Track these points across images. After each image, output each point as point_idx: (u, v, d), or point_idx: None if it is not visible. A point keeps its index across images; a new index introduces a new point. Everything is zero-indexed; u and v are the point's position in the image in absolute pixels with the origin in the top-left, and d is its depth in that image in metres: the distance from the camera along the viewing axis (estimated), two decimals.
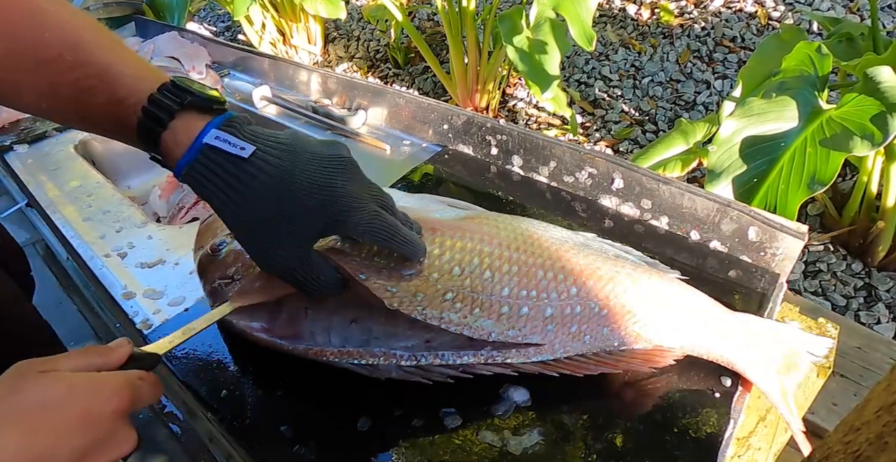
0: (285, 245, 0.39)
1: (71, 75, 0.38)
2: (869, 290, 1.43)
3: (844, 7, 1.99)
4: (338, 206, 0.40)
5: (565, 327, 0.47)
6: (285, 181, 0.38)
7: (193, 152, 0.38)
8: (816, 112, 0.96)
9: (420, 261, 0.46)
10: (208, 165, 0.38)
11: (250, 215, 0.39)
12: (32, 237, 1.66)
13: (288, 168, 0.39)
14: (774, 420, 0.58)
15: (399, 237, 0.43)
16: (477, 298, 0.46)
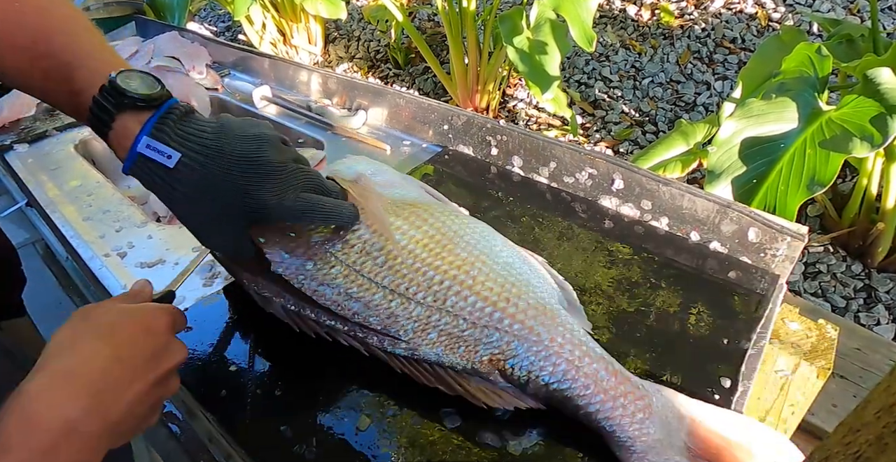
0: (218, 235, 0.45)
1: (41, 63, 0.42)
2: (869, 292, 1.43)
3: (845, 8, 1.99)
4: (258, 209, 0.43)
5: (424, 332, 0.47)
6: (208, 188, 0.42)
7: (130, 160, 0.42)
8: (816, 113, 0.96)
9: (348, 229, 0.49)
10: (144, 170, 0.42)
11: (184, 212, 0.44)
12: (32, 237, 1.66)
13: (209, 175, 0.42)
14: (774, 421, 0.58)
15: (321, 214, 0.46)
16: (356, 279, 0.48)
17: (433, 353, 0.47)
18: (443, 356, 0.46)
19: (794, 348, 0.63)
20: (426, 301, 0.47)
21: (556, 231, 0.68)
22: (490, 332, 0.46)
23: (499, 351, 0.45)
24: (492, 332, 0.46)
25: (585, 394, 0.43)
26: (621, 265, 0.63)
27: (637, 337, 0.54)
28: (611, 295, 0.58)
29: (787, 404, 0.59)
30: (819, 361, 0.62)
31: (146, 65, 1.17)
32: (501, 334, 0.46)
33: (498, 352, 0.45)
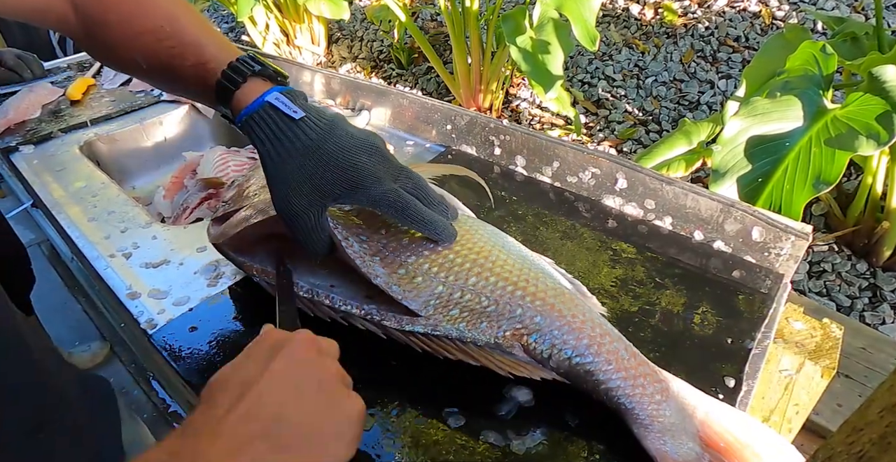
0: (302, 196, 0.46)
1: (168, 42, 0.48)
2: (874, 291, 1.42)
3: (849, 6, 1.98)
4: (356, 178, 0.46)
5: (446, 309, 0.47)
6: (320, 146, 0.46)
7: (256, 105, 0.46)
8: (821, 111, 0.96)
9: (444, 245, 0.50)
10: (264, 118, 0.46)
11: (284, 164, 0.46)
12: (38, 237, 1.67)
13: (325, 137, 0.46)
14: (778, 421, 0.58)
15: (411, 213, 0.47)
16: (387, 256, 0.50)
17: (455, 330, 0.47)
18: (465, 332, 0.47)
19: (798, 348, 0.63)
20: (448, 280, 0.48)
21: (559, 230, 0.68)
22: (513, 307, 0.47)
23: (521, 325, 0.46)
24: (514, 307, 0.47)
25: (607, 369, 0.44)
26: (625, 264, 0.62)
27: (641, 336, 0.54)
28: (615, 294, 0.58)
29: (792, 404, 0.59)
30: (824, 361, 0.61)
31: None
32: (524, 310, 0.46)
33: (521, 326, 0.46)
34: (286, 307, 0.48)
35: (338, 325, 0.51)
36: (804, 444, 0.88)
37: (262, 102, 0.46)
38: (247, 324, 0.57)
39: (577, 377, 0.45)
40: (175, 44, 0.48)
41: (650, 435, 0.42)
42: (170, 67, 0.49)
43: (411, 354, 0.52)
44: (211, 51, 0.49)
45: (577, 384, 0.45)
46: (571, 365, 0.45)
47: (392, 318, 0.49)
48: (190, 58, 0.48)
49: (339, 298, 0.50)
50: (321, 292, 0.51)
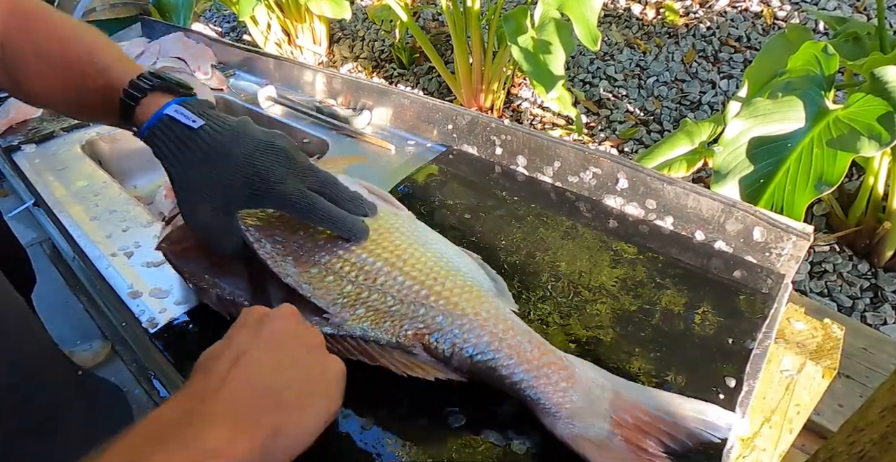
0: (208, 203, 0.47)
1: (85, 69, 0.50)
2: (875, 291, 1.42)
3: (851, 6, 1.98)
4: (262, 183, 0.46)
5: (353, 307, 0.48)
6: (222, 154, 0.46)
7: (155, 119, 0.47)
8: (823, 112, 0.96)
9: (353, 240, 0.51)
10: (163, 130, 0.47)
11: (187, 173, 0.46)
12: (39, 236, 1.67)
13: (227, 144, 0.46)
14: (780, 421, 0.58)
15: (317, 211, 0.48)
16: (301, 256, 0.50)
17: (359, 329, 0.47)
18: (368, 331, 0.47)
19: (799, 348, 0.63)
20: (357, 279, 0.49)
21: (560, 230, 0.68)
22: (416, 307, 0.47)
23: (423, 325, 0.47)
24: (418, 307, 0.47)
25: (509, 364, 0.44)
26: (626, 264, 0.62)
27: (642, 336, 0.54)
28: (615, 294, 0.58)
29: (793, 404, 0.59)
30: (825, 361, 0.61)
31: (152, 66, 1.18)
32: (427, 309, 0.47)
33: (423, 326, 0.47)
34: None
35: None
36: (805, 444, 0.88)
37: (160, 115, 0.47)
38: None
39: (481, 374, 0.45)
40: (91, 70, 0.50)
41: (559, 422, 0.43)
42: (83, 92, 0.50)
43: None
44: (117, 74, 0.49)
45: (484, 381, 0.46)
46: (473, 362, 0.45)
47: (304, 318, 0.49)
48: (99, 80, 0.49)
49: (255, 301, 0.51)
50: (241, 295, 0.52)
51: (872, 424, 0.18)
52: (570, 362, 0.46)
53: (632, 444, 0.42)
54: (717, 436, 0.42)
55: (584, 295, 0.58)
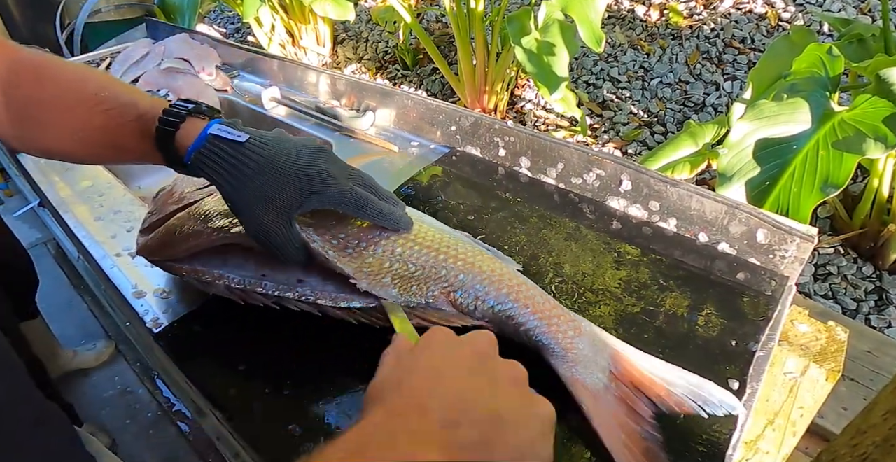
0: (269, 214, 0.47)
1: (104, 106, 0.50)
2: (880, 294, 1.41)
3: (855, 8, 1.97)
4: (314, 183, 0.48)
5: (378, 278, 0.51)
6: (272, 162, 0.47)
7: (201, 139, 0.48)
8: (828, 114, 0.96)
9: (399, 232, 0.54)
10: (212, 149, 0.47)
11: (244, 188, 0.47)
12: (44, 236, 1.68)
13: (274, 153, 0.48)
14: (783, 424, 0.58)
15: (370, 209, 0.51)
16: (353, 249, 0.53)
17: (390, 296, 0.50)
18: (398, 298, 0.50)
19: (803, 350, 0.63)
20: (377, 253, 0.52)
21: (563, 232, 0.68)
22: (437, 270, 0.51)
23: (448, 284, 0.51)
24: (439, 269, 0.51)
25: (524, 312, 0.49)
26: (629, 266, 0.62)
27: (645, 338, 0.54)
28: (619, 296, 0.58)
29: (796, 407, 0.59)
30: (828, 364, 0.61)
31: (157, 66, 1.18)
32: (447, 271, 0.51)
33: (447, 285, 0.51)
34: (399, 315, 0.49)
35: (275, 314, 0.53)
36: (809, 447, 0.88)
37: (206, 136, 0.48)
38: (252, 324, 0.57)
39: (500, 323, 0.50)
40: (113, 105, 0.50)
41: (564, 363, 0.47)
42: (107, 131, 0.50)
43: None
44: (144, 105, 0.50)
45: (502, 329, 0.50)
46: (494, 312, 0.50)
47: (327, 295, 0.52)
48: (130, 114, 0.50)
49: (272, 285, 0.53)
50: (253, 281, 0.53)
51: (875, 427, 0.18)
52: (577, 317, 0.50)
53: (623, 400, 0.46)
54: (708, 411, 0.45)
55: (587, 297, 0.58)
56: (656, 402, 0.46)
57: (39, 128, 0.51)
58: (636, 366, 0.48)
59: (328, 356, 0.53)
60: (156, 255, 0.58)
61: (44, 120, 0.50)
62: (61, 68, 0.51)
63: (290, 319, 0.54)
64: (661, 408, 0.46)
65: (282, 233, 0.48)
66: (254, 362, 0.53)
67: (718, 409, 0.45)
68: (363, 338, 0.54)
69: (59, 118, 0.50)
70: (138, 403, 1.23)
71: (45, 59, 0.52)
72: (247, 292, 0.53)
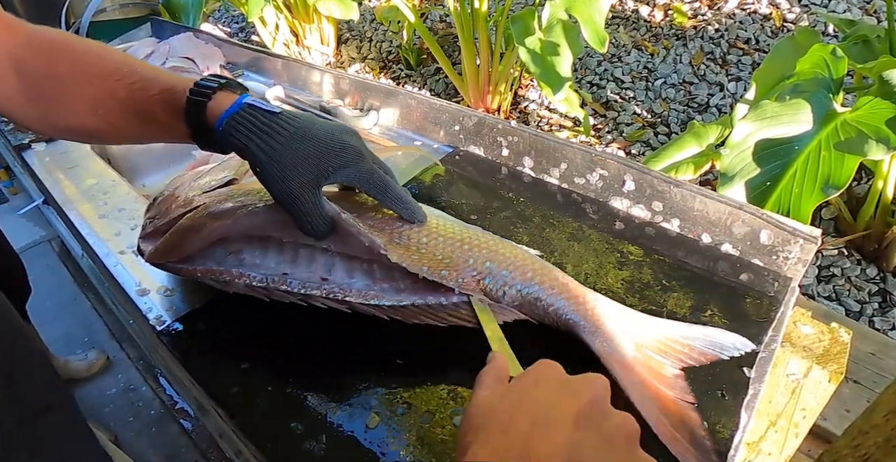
0: (300, 177, 0.48)
1: (127, 80, 0.49)
2: (884, 296, 1.41)
3: (861, 9, 1.97)
4: (343, 156, 0.49)
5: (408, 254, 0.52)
6: (306, 132, 0.49)
7: (235, 106, 0.48)
8: (831, 115, 0.95)
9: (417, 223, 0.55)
10: (246, 116, 0.48)
11: (276, 154, 0.47)
12: (49, 234, 1.68)
13: (307, 125, 0.49)
14: (785, 425, 0.58)
15: (392, 193, 0.52)
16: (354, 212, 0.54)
17: (421, 272, 0.51)
18: (430, 275, 0.51)
19: (806, 352, 0.63)
20: (402, 241, 0.53)
21: (566, 232, 0.68)
22: (465, 258, 0.53)
23: (476, 272, 0.52)
24: (466, 258, 0.53)
25: (551, 294, 0.51)
26: (632, 267, 0.62)
27: None
28: (622, 296, 0.58)
29: (799, 408, 0.59)
30: (831, 365, 0.61)
31: (161, 66, 1.19)
32: (475, 259, 0.53)
33: (476, 272, 0.52)
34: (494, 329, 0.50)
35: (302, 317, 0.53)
36: (811, 449, 0.88)
37: (240, 103, 0.48)
38: (255, 322, 0.57)
39: (530, 306, 0.52)
40: (136, 79, 0.49)
41: (596, 339, 0.50)
42: (131, 102, 0.49)
43: (417, 354, 0.53)
44: (171, 79, 0.50)
45: (532, 313, 0.52)
46: (523, 296, 0.52)
47: (356, 293, 0.52)
48: (155, 87, 0.49)
49: (297, 283, 0.53)
50: (276, 279, 0.53)
51: (877, 428, 0.18)
52: (597, 295, 0.53)
53: (652, 368, 0.49)
54: (726, 354, 0.50)
55: None
56: (682, 358, 0.50)
57: (57, 104, 0.50)
58: (657, 331, 0.51)
59: (331, 354, 0.53)
60: (168, 256, 0.58)
61: (61, 95, 0.49)
62: (77, 44, 0.51)
63: (293, 317, 0.55)
64: (688, 362, 0.50)
65: (309, 199, 0.48)
66: (256, 360, 0.53)
67: (735, 351, 0.50)
68: (366, 336, 0.54)
69: (78, 92, 0.49)
70: (141, 401, 1.23)
71: (59, 35, 0.51)
72: (270, 290, 0.53)
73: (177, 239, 0.56)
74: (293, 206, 0.49)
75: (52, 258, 1.62)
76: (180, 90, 0.49)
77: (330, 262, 0.54)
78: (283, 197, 0.49)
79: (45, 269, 1.63)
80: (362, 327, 0.54)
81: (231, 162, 0.68)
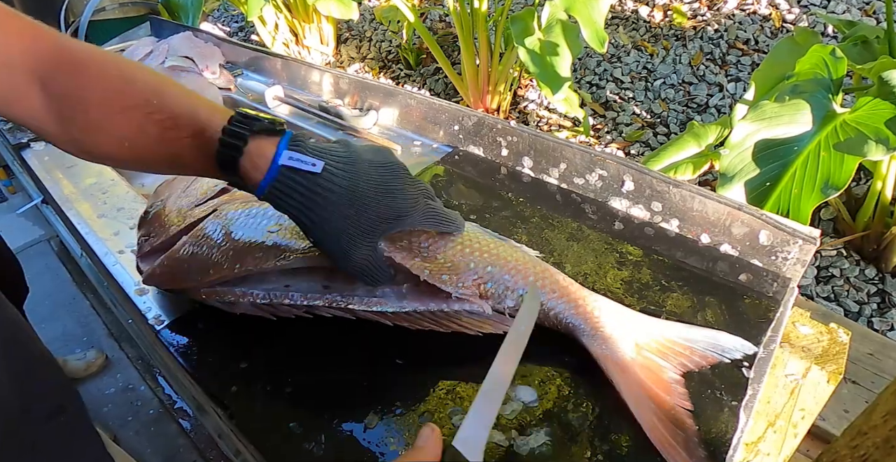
0: (359, 245, 0.46)
1: (157, 116, 0.44)
2: (882, 296, 1.41)
3: (860, 10, 1.97)
4: (399, 207, 0.47)
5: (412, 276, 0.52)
6: (353, 190, 0.44)
7: (273, 172, 0.43)
8: (830, 116, 0.95)
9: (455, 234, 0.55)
10: (287, 183, 0.43)
11: (327, 223, 0.44)
12: (47, 233, 1.68)
13: (353, 179, 0.45)
14: (784, 426, 0.58)
15: (445, 219, 0.52)
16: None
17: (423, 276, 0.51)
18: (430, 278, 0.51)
19: (804, 352, 0.63)
20: (403, 244, 0.53)
21: (566, 232, 0.68)
22: (467, 263, 0.53)
23: (477, 276, 0.53)
24: (468, 263, 0.53)
25: (552, 297, 0.52)
26: (631, 267, 0.62)
27: None
28: (621, 296, 0.58)
29: (798, 409, 0.59)
30: (830, 366, 0.61)
31: (160, 64, 1.19)
32: (475, 263, 0.53)
33: (477, 277, 0.52)
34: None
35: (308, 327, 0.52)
36: (810, 449, 0.88)
37: (277, 167, 0.43)
38: (254, 322, 0.57)
39: None
40: (166, 116, 0.44)
41: (594, 342, 0.50)
42: (162, 142, 0.44)
43: (416, 353, 0.53)
44: (203, 117, 0.45)
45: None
46: (524, 300, 0.51)
47: (359, 301, 0.52)
48: (185, 129, 0.44)
49: (299, 295, 0.53)
50: (279, 294, 0.53)
51: (876, 428, 0.18)
52: (599, 297, 0.53)
53: (651, 371, 0.49)
54: (728, 357, 0.51)
55: None
56: (683, 360, 0.50)
57: (85, 130, 0.45)
58: (658, 333, 0.51)
59: (330, 354, 0.53)
60: (168, 285, 0.57)
61: (88, 123, 0.44)
62: (110, 65, 0.45)
63: (289, 320, 0.55)
64: (689, 365, 0.50)
65: (371, 261, 0.47)
66: (255, 360, 0.53)
67: (736, 354, 0.51)
68: (365, 336, 0.54)
69: (105, 122, 0.44)
70: (140, 400, 1.23)
71: (90, 52, 0.45)
72: (274, 306, 0.53)
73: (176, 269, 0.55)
74: (357, 273, 0.48)
75: (50, 257, 1.62)
76: (209, 138, 0.44)
77: (329, 271, 0.54)
78: (343, 267, 0.48)
79: (44, 269, 1.63)
80: (361, 327, 0.54)
81: None
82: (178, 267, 0.55)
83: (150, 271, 0.57)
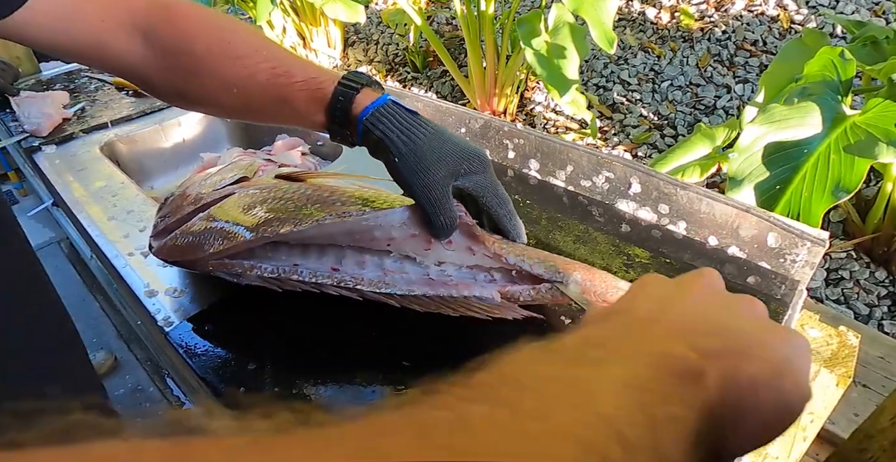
0: (437, 173, 0.50)
1: (266, 64, 0.50)
2: (893, 299, 1.40)
3: (869, 10, 1.96)
4: (476, 162, 0.52)
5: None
6: (443, 134, 0.51)
7: (381, 101, 0.50)
8: (840, 118, 0.95)
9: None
10: (390, 111, 0.50)
11: (417, 148, 0.50)
12: (58, 236, 1.70)
13: (444, 129, 0.52)
14: (792, 429, 0.57)
15: (509, 208, 0.54)
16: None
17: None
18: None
19: (814, 355, 0.63)
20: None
21: (573, 234, 0.68)
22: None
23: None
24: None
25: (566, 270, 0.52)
26: (639, 269, 0.62)
27: None
28: None
29: (807, 412, 0.58)
30: (839, 369, 0.61)
31: None
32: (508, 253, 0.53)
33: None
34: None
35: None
36: (819, 453, 0.87)
37: (385, 99, 0.50)
38: (262, 323, 0.57)
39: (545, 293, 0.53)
40: (276, 64, 0.50)
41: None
42: (272, 87, 0.50)
43: (423, 355, 0.53)
44: (313, 68, 0.51)
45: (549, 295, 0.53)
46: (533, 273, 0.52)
47: (368, 282, 0.53)
48: (297, 75, 0.50)
49: (308, 272, 0.54)
50: (287, 269, 0.54)
51: (883, 431, 0.18)
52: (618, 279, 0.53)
53: None
54: None
55: None
56: None
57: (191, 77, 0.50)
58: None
59: (338, 355, 0.53)
60: (176, 257, 0.58)
61: (196, 71, 0.50)
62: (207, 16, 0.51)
63: (301, 320, 0.55)
64: None
65: (444, 193, 0.51)
66: (263, 362, 0.53)
67: None
68: (373, 337, 0.54)
69: (215, 70, 0.50)
70: (149, 402, 1.24)
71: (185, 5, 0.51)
72: (282, 280, 0.54)
73: (188, 241, 0.56)
74: (427, 197, 0.50)
75: (60, 259, 1.63)
76: (325, 81, 0.50)
77: (340, 254, 0.55)
78: (418, 188, 0.50)
79: (54, 271, 1.64)
80: (369, 329, 0.54)
81: (240, 162, 0.68)
82: (189, 240, 0.56)
83: (161, 244, 0.58)
